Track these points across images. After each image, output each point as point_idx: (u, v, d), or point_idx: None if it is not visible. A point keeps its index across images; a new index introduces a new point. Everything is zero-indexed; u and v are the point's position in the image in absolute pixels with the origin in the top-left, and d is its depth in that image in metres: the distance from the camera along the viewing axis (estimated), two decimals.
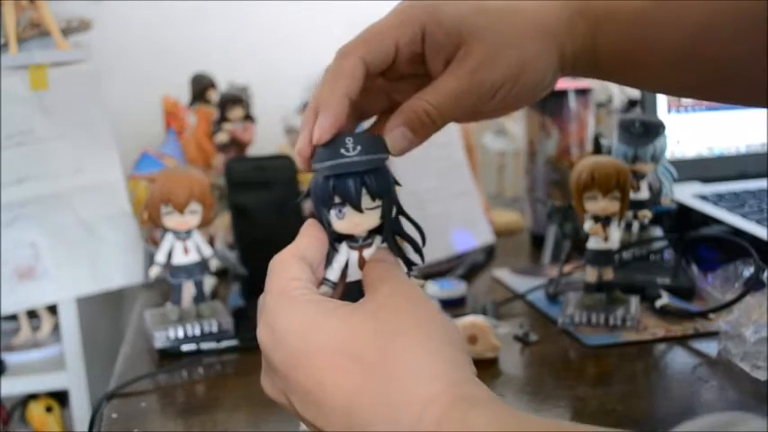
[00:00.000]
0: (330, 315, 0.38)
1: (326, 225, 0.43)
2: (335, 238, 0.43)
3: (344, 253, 0.43)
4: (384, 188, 0.42)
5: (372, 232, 0.43)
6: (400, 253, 0.44)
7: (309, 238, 0.42)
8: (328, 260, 0.43)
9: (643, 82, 0.54)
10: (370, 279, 0.41)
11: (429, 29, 0.44)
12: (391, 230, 0.43)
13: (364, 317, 0.37)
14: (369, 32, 0.45)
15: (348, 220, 0.42)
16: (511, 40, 0.44)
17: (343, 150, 0.41)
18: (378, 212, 0.42)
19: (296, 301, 0.39)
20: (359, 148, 0.41)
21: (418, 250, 0.45)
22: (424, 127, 0.44)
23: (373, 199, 0.42)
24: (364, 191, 0.41)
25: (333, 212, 0.42)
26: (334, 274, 0.43)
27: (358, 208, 0.41)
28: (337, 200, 0.41)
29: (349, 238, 0.43)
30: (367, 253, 0.43)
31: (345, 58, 0.44)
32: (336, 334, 0.37)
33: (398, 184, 0.44)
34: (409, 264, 0.44)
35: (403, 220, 0.44)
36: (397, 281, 0.40)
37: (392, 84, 0.47)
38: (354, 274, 0.43)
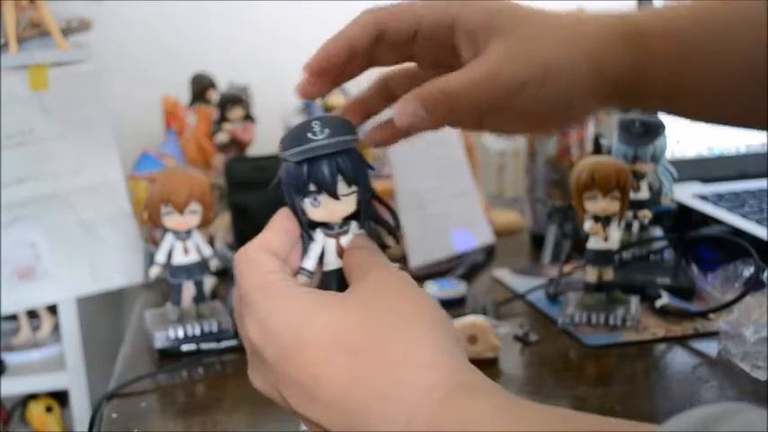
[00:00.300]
0: (320, 307, 0.37)
1: (301, 214, 0.42)
2: (310, 226, 0.42)
3: (320, 241, 0.42)
4: (359, 174, 0.41)
5: (347, 219, 0.42)
6: (378, 239, 0.43)
7: (276, 230, 0.42)
8: (304, 249, 0.42)
9: (693, 110, 0.48)
10: (351, 267, 0.41)
11: (457, 24, 0.44)
12: (368, 216, 0.43)
13: (355, 306, 0.37)
14: (391, 4, 0.45)
15: (324, 208, 0.41)
16: (535, 41, 0.44)
17: (309, 134, 0.40)
18: (353, 198, 0.42)
19: (281, 293, 0.38)
20: (327, 131, 0.40)
21: (393, 234, 0.44)
22: (437, 107, 0.42)
23: (349, 185, 0.41)
24: (340, 177, 0.40)
25: (307, 201, 0.41)
26: (311, 263, 0.42)
27: (334, 195, 0.41)
28: (312, 187, 0.41)
29: (324, 226, 0.42)
30: (344, 240, 0.42)
31: (360, 14, 0.45)
32: (328, 326, 0.36)
33: (371, 167, 0.43)
34: (383, 247, 0.43)
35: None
36: (382, 267, 0.40)
37: (426, 72, 0.47)
38: (332, 263, 0.42)
